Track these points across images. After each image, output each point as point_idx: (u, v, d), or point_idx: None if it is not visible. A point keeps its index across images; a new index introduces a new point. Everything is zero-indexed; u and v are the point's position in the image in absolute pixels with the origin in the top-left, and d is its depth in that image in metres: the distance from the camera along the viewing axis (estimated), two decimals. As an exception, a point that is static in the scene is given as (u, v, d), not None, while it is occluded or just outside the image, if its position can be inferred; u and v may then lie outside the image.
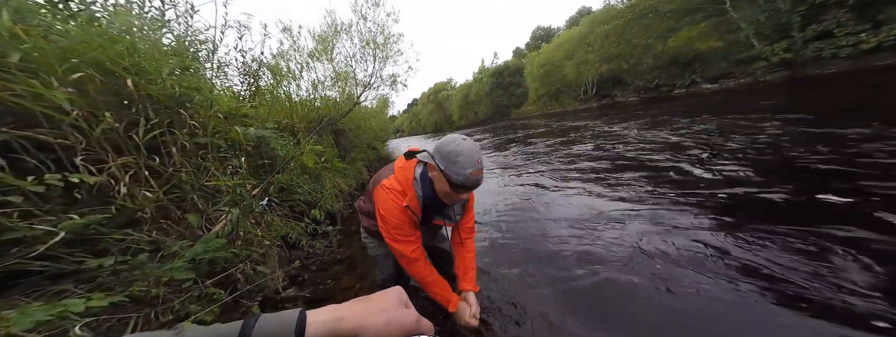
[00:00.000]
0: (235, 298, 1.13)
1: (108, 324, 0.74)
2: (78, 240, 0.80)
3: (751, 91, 7.59)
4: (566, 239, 1.67)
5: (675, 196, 1.91)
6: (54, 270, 0.73)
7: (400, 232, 0.83)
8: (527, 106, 26.09)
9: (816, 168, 1.90)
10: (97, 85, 1.00)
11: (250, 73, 2.52)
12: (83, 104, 0.93)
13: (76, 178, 0.82)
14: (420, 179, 0.82)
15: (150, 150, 1.14)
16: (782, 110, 3.92)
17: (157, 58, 1.26)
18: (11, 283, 0.68)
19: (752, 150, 2.51)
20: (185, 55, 1.70)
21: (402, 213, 0.81)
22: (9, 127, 0.77)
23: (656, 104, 9.63)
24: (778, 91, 6.35)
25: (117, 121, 1.00)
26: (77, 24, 1.09)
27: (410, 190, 0.81)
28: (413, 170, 0.82)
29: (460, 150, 0.71)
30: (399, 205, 0.80)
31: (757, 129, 3.19)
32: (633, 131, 4.78)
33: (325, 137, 3.53)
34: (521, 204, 2.46)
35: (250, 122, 2.09)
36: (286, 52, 3.69)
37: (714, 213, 1.60)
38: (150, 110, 1.17)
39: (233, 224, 1.28)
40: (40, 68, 0.85)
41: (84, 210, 0.83)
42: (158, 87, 1.19)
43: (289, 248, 1.84)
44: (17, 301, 0.65)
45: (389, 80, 4.91)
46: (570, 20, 32.59)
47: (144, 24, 1.45)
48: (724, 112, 4.75)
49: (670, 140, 3.59)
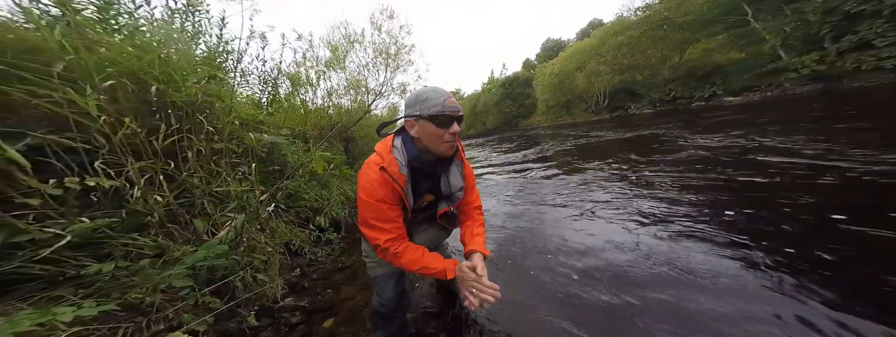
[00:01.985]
0: (232, 307, 1.11)
1: (97, 333, 0.73)
2: (83, 243, 0.81)
3: (785, 103, 6.90)
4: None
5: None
6: (55, 273, 0.74)
7: (374, 215, 0.71)
8: (536, 116, 25.97)
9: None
10: (127, 92, 1.06)
11: (270, 82, 2.65)
12: (111, 111, 0.98)
13: (93, 181, 0.85)
14: (401, 145, 0.76)
15: (167, 154, 1.18)
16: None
17: (186, 67, 1.34)
18: (12, 288, 0.69)
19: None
20: (214, 65, 1.81)
21: (381, 185, 0.71)
22: (43, 132, 0.82)
23: (696, 115, 8.14)
24: (819, 101, 5.70)
25: (140, 127, 1.05)
26: (122, 37, 1.18)
27: (389, 155, 0.74)
28: (391, 140, 0.78)
29: (422, 90, 0.72)
30: (375, 174, 0.71)
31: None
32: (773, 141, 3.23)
33: (336, 144, 3.61)
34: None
35: (266, 128, 2.17)
36: (305, 60, 3.89)
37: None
38: (172, 117, 1.22)
39: (237, 230, 1.28)
40: (78, 77, 0.92)
41: (96, 213, 0.85)
42: (182, 95, 1.25)
43: (291, 255, 1.83)
44: (12, 307, 0.65)
45: (400, 88, 5.07)
46: (581, 32, 32.90)
47: (181, 36, 1.56)
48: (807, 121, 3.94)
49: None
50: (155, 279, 0.87)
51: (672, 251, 1.42)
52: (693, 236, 1.54)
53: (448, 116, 0.70)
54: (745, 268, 1.19)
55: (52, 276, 0.74)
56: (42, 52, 0.85)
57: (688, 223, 1.69)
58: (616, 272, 1.32)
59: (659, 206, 2.03)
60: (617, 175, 3.10)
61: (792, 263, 1.16)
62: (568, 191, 2.80)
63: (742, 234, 1.47)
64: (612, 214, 2.04)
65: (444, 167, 0.82)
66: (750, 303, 1.00)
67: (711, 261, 1.27)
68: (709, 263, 1.27)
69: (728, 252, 1.32)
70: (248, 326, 1.12)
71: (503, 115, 30.14)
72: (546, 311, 1.14)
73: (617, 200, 2.35)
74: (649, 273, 1.26)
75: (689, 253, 1.37)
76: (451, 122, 0.71)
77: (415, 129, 0.73)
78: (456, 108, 0.71)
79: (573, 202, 2.49)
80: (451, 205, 0.89)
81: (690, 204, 1.98)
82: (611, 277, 1.28)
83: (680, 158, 3.31)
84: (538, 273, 1.45)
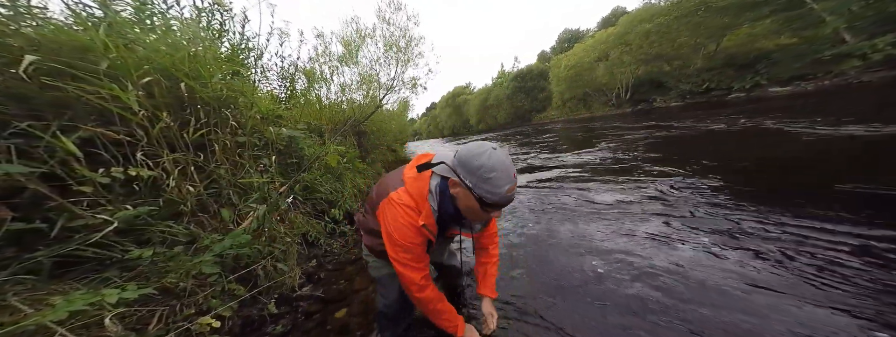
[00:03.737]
0: (254, 294, 1.18)
1: (138, 315, 0.80)
2: (126, 230, 0.88)
3: (850, 92, 5.72)
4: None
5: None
6: (105, 257, 0.81)
7: (410, 256, 0.72)
8: (550, 110, 25.02)
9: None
10: (162, 88, 1.12)
11: (288, 77, 2.72)
12: (149, 105, 1.04)
13: (134, 171, 0.91)
14: (436, 193, 0.70)
15: (196, 147, 1.25)
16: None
17: (212, 64, 1.40)
18: (72, 268, 0.77)
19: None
20: (238, 61, 1.88)
21: (417, 233, 0.70)
22: (93, 125, 0.89)
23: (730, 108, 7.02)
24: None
25: (173, 120, 1.12)
26: (158, 36, 1.24)
27: (425, 205, 0.69)
28: (428, 182, 0.70)
29: (492, 164, 0.60)
30: (413, 223, 0.69)
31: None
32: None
33: (349, 138, 3.68)
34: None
35: (285, 122, 2.25)
36: (318, 56, 3.95)
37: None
38: (201, 112, 1.29)
39: (259, 220, 1.35)
40: (120, 74, 0.98)
41: (137, 202, 0.93)
42: (209, 91, 1.31)
43: (307, 246, 1.91)
44: (69, 285, 0.72)
45: (410, 83, 5.07)
46: (603, 21, 30.42)
47: (208, 34, 1.63)
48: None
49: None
50: (188, 265, 0.93)
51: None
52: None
53: (501, 206, 0.65)
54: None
55: (102, 259, 0.81)
56: (90, 51, 0.92)
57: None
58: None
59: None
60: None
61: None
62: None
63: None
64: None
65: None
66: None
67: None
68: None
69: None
70: (268, 313, 1.19)
71: (515, 110, 29.27)
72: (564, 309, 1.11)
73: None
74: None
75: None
76: (500, 209, 0.67)
77: (458, 192, 0.67)
78: (512, 197, 0.64)
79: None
80: (470, 233, 0.87)
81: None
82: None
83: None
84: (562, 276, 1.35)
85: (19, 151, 0.74)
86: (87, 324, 0.68)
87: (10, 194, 0.71)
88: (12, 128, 0.74)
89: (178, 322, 0.86)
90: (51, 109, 0.82)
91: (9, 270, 0.67)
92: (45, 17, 0.95)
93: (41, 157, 0.77)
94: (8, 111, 0.76)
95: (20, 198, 0.73)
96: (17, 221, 0.70)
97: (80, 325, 0.67)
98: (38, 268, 0.72)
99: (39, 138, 0.76)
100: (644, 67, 15.15)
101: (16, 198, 0.72)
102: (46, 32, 0.88)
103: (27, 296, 0.66)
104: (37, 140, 0.76)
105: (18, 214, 0.71)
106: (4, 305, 0.62)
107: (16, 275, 0.68)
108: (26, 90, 0.79)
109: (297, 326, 1.19)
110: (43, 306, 0.63)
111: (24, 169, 0.71)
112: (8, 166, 0.69)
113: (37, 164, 0.75)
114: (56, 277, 0.75)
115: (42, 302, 0.65)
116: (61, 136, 0.78)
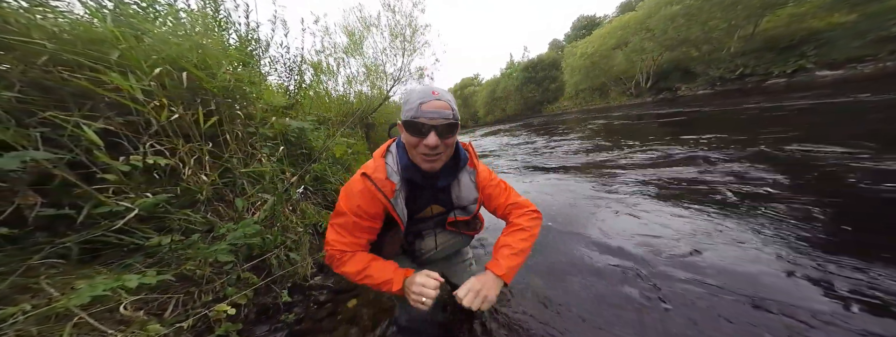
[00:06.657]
0: (268, 282, 1.23)
1: (156, 301, 0.83)
2: (147, 217, 0.92)
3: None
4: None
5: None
6: (127, 243, 0.84)
7: (342, 221, 0.63)
8: (562, 101, 24.19)
9: None
10: (174, 80, 1.13)
11: (295, 70, 2.72)
12: (162, 96, 1.06)
13: (152, 159, 0.94)
14: (396, 151, 0.65)
15: (209, 138, 1.27)
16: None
17: (218, 55, 1.40)
18: (98, 253, 0.81)
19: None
20: (245, 51, 1.88)
21: (359, 193, 0.61)
22: (113, 114, 0.91)
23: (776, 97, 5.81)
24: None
25: (186, 111, 1.14)
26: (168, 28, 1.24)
27: (380, 162, 0.64)
28: (390, 143, 0.69)
29: (413, 88, 0.62)
30: (356, 181, 0.62)
31: None
32: None
33: (357, 130, 3.70)
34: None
35: (294, 113, 2.26)
36: (325, 48, 3.92)
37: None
38: (212, 103, 1.30)
39: (270, 210, 1.38)
40: (131, 65, 0.99)
41: (158, 189, 0.96)
42: (216, 82, 1.32)
43: (319, 236, 1.96)
44: (95, 271, 0.76)
45: (417, 73, 5.00)
46: (622, 5, 28.42)
47: (216, 25, 1.62)
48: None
49: None
50: (205, 253, 0.97)
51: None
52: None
53: (421, 124, 0.54)
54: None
55: (125, 245, 0.85)
56: (102, 42, 0.93)
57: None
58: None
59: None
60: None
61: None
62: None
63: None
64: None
65: (449, 177, 0.69)
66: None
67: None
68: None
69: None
70: (282, 301, 1.23)
71: (525, 101, 28.54)
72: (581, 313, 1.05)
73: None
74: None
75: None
76: (426, 131, 0.54)
77: (402, 135, 0.61)
78: (434, 114, 0.53)
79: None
80: (466, 215, 0.75)
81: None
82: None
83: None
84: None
85: (45, 139, 0.76)
86: (112, 308, 0.72)
87: (40, 181, 0.74)
88: (38, 117, 0.77)
89: (197, 308, 0.90)
90: (73, 100, 0.85)
91: (41, 253, 0.71)
92: (61, 10, 0.96)
93: (66, 145, 0.79)
94: (34, 101, 0.78)
95: (49, 185, 0.76)
96: (47, 207, 0.74)
97: (104, 309, 0.70)
98: (67, 253, 0.76)
99: (63, 128, 0.79)
100: (669, 54, 14.08)
101: (45, 185, 0.76)
102: (63, 25, 0.89)
103: (58, 279, 0.70)
104: (61, 129, 0.79)
105: (46, 201, 0.74)
106: (37, 289, 0.66)
107: (48, 258, 0.72)
108: (54, 80, 0.81)
109: (309, 315, 1.23)
110: (68, 290, 0.67)
111: (50, 155, 0.74)
112: (36, 153, 0.71)
113: (63, 153, 0.78)
114: (84, 262, 0.79)
115: (68, 286, 0.68)
116: (83, 126, 0.80)
